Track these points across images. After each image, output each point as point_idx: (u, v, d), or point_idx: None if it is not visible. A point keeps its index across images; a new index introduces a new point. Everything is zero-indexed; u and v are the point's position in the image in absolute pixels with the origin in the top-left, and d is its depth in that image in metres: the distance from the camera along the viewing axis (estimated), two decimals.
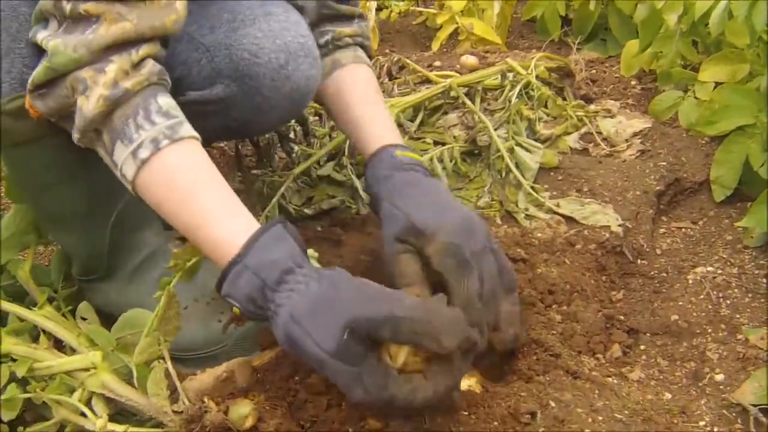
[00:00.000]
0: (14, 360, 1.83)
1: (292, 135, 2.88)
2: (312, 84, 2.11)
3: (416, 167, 2.01)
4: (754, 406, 1.79)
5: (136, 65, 1.66)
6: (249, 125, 2.16)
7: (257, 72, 2.01)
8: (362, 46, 2.31)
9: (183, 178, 1.68)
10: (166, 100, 1.69)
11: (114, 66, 1.62)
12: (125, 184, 1.70)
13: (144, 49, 1.66)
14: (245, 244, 1.61)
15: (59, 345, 1.93)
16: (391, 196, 1.94)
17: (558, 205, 2.46)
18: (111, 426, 1.71)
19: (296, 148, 2.83)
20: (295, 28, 2.07)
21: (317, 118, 3.06)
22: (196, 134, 1.71)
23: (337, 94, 2.23)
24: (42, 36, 1.64)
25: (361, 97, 2.20)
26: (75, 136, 1.69)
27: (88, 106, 1.62)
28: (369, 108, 2.18)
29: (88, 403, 1.76)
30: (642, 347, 2.07)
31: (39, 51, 1.67)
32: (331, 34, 2.24)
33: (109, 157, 1.69)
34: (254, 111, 2.07)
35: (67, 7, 1.60)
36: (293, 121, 2.80)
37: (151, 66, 1.68)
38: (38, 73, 1.64)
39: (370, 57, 2.35)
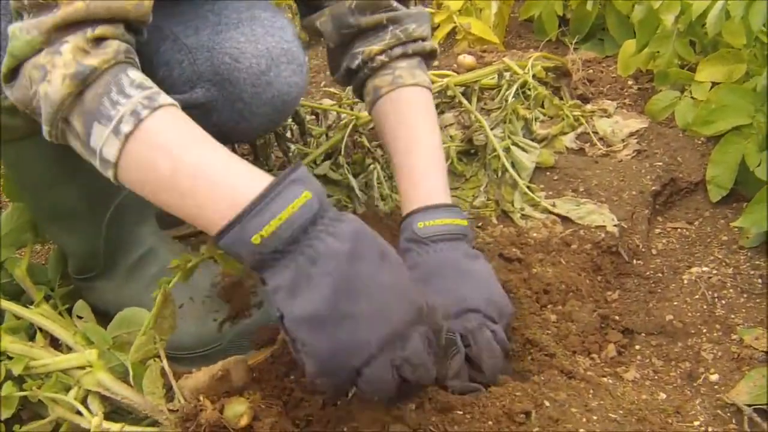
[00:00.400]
0: (10, 358, 1.83)
1: (288, 134, 2.88)
2: (295, 91, 2.07)
3: (437, 239, 1.92)
4: (749, 406, 1.80)
5: (95, 43, 1.56)
6: (231, 131, 2.09)
7: (237, 77, 1.98)
8: (406, 55, 2.14)
9: (172, 142, 1.56)
10: (136, 74, 1.60)
11: (68, 45, 1.54)
12: (106, 171, 1.58)
13: (101, 29, 1.57)
14: (270, 185, 1.49)
15: (56, 343, 1.92)
16: None
17: (554, 205, 2.47)
18: (106, 424, 1.70)
19: (293, 147, 2.84)
20: (279, 33, 2.03)
21: (314, 117, 3.06)
22: (174, 102, 1.60)
23: (381, 130, 2.16)
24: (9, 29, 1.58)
25: (401, 139, 2.08)
26: (45, 129, 1.60)
27: (53, 89, 1.53)
28: (407, 158, 2.05)
29: (83, 401, 1.76)
30: (637, 347, 2.08)
31: None
32: (361, 57, 2.12)
33: (84, 146, 1.58)
34: (235, 117, 2.04)
35: None
36: (290, 119, 2.80)
37: (116, 45, 1.58)
38: (4, 62, 1.58)
39: (428, 54, 2.20)
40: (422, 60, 2.17)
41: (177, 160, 1.54)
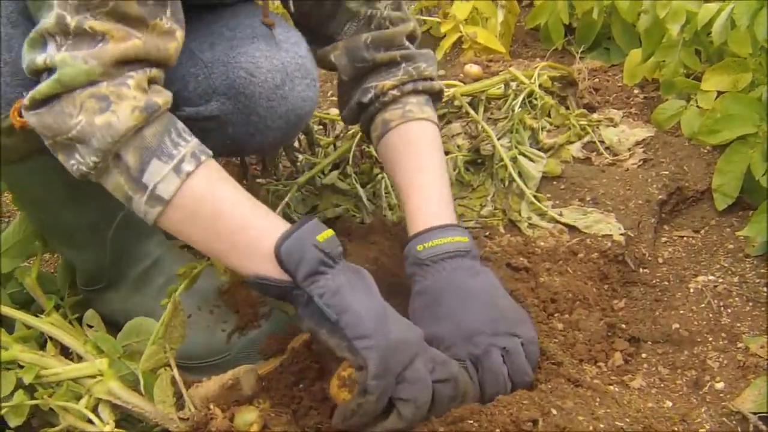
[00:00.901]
0: (21, 367, 1.84)
1: (296, 144, 2.89)
2: (308, 105, 2.10)
3: (438, 259, 1.94)
4: (754, 414, 1.80)
5: (151, 84, 1.64)
6: (245, 144, 2.12)
7: (253, 91, 2.01)
8: (417, 92, 2.17)
9: (226, 186, 1.69)
10: (183, 123, 1.69)
11: (134, 81, 1.59)
12: (152, 208, 1.64)
13: (155, 71, 1.65)
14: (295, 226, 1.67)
15: (66, 352, 1.94)
16: (411, 301, 1.96)
17: (561, 214, 2.48)
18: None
19: (301, 157, 2.85)
20: (293, 48, 2.06)
21: (321, 127, 3.07)
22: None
23: (386, 161, 2.19)
24: (43, 57, 1.58)
25: (405, 166, 2.11)
26: (89, 161, 1.61)
27: (120, 119, 1.57)
28: (410, 183, 2.08)
29: (94, 409, 1.78)
30: (643, 355, 2.08)
31: (31, 71, 1.63)
32: (373, 91, 2.15)
33: (131, 182, 1.63)
34: (250, 130, 2.06)
35: (72, 23, 1.55)
36: None
37: (167, 91, 1.67)
38: (42, 88, 1.58)
39: (436, 94, 2.24)
40: (430, 99, 2.21)
41: (233, 201, 1.69)
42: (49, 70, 1.58)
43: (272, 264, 1.63)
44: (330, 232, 1.67)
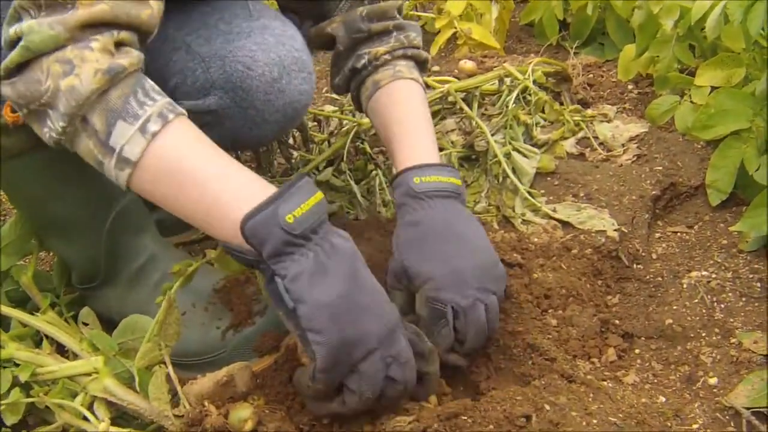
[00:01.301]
0: (17, 365, 1.85)
1: (291, 141, 2.90)
2: (305, 98, 2.11)
3: (433, 195, 1.96)
4: (747, 409, 1.82)
5: (119, 47, 1.61)
6: (242, 138, 2.12)
7: (250, 85, 2.01)
8: (406, 57, 2.24)
9: (195, 146, 1.65)
10: (152, 83, 1.66)
11: (98, 44, 1.57)
12: (121, 170, 1.61)
13: (123, 34, 1.62)
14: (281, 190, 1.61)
15: (62, 350, 1.94)
16: (398, 230, 1.98)
17: (554, 210, 2.48)
18: (113, 430, 1.73)
19: (295, 153, 2.85)
20: (290, 42, 2.07)
21: (316, 123, 3.07)
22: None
23: (377, 115, 2.21)
24: (14, 28, 1.58)
25: (396, 115, 2.15)
26: (58, 126, 1.60)
27: (82, 83, 1.55)
28: (401, 127, 2.12)
29: (90, 407, 1.78)
30: (637, 351, 2.09)
31: (7, 45, 1.61)
32: (367, 56, 2.21)
33: (99, 145, 1.60)
34: (247, 124, 2.07)
35: None
36: None
37: (137, 53, 1.64)
38: (12, 56, 1.58)
39: (422, 62, 2.29)
40: (416, 65, 2.26)
41: (203, 161, 1.63)
42: (18, 39, 1.58)
43: (239, 235, 1.58)
44: (313, 200, 1.60)
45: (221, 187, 1.62)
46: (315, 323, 1.55)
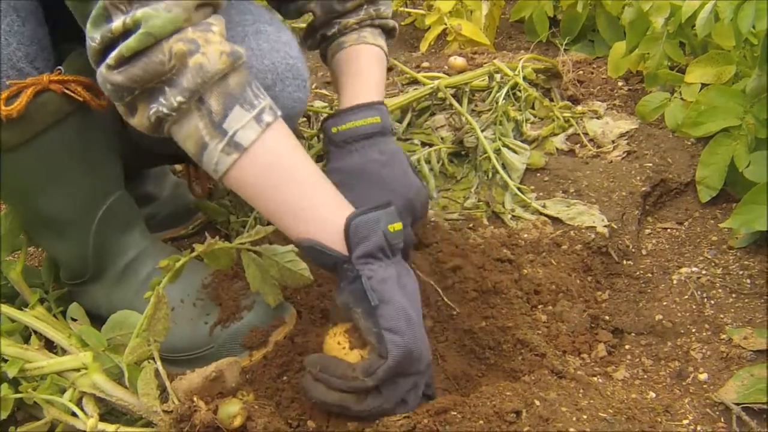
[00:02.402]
0: (6, 360, 1.84)
1: None
2: (299, 106, 2.13)
3: (350, 140, 2.05)
4: (737, 404, 1.82)
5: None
6: None
7: None
8: (373, 26, 2.27)
9: (298, 149, 1.73)
10: None
11: (217, 29, 1.63)
12: (228, 155, 1.66)
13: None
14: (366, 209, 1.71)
15: (50, 346, 1.94)
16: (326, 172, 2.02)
17: (544, 206, 2.48)
18: (101, 425, 1.72)
19: None
20: (285, 48, 2.07)
21: (305, 119, 3.07)
22: None
23: (334, 72, 2.26)
24: (118, 22, 1.58)
25: (348, 69, 2.20)
26: (172, 102, 1.62)
27: (210, 62, 1.60)
28: (349, 78, 2.18)
29: (78, 402, 1.78)
30: (627, 347, 2.09)
31: (105, 44, 1.62)
32: (337, 26, 2.23)
33: (212, 126, 1.65)
34: None
35: None
36: None
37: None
38: (131, 43, 1.58)
39: (389, 30, 2.32)
40: (383, 33, 2.30)
41: (303, 161, 1.73)
42: (128, 31, 1.58)
43: (333, 233, 1.67)
44: (399, 226, 1.71)
45: (320, 188, 1.73)
46: (395, 324, 1.62)
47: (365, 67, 2.20)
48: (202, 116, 1.64)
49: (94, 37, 1.62)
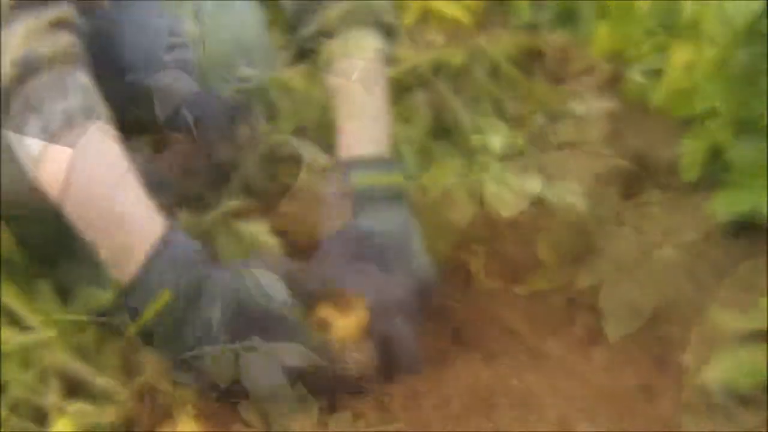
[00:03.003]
0: None
1: None
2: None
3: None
4: (720, 387, 1.80)
5: (49, 29, 1.55)
6: None
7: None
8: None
9: (103, 159, 1.61)
10: (84, 78, 1.59)
11: (23, 28, 1.52)
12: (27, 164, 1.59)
13: (57, 12, 1.56)
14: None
15: (13, 320, 1.91)
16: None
17: (524, 185, 2.46)
18: (65, 403, 1.70)
19: None
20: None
21: None
22: (108, 120, 1.62)
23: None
24: None
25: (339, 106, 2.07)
26: None
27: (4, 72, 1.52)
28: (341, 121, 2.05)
29: (42, 380, 1.75)
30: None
31: None
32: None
33: (17, 137, 1.57)
34: None
35: None
36: None
37: (68, 37, 1.57)
38: None
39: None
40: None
41: (96, 191, 1.64)
42: None
43: None
44: None
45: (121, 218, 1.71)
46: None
47: (354, 98, 2.08)
48: (11, 124, 1.57)
49: None
